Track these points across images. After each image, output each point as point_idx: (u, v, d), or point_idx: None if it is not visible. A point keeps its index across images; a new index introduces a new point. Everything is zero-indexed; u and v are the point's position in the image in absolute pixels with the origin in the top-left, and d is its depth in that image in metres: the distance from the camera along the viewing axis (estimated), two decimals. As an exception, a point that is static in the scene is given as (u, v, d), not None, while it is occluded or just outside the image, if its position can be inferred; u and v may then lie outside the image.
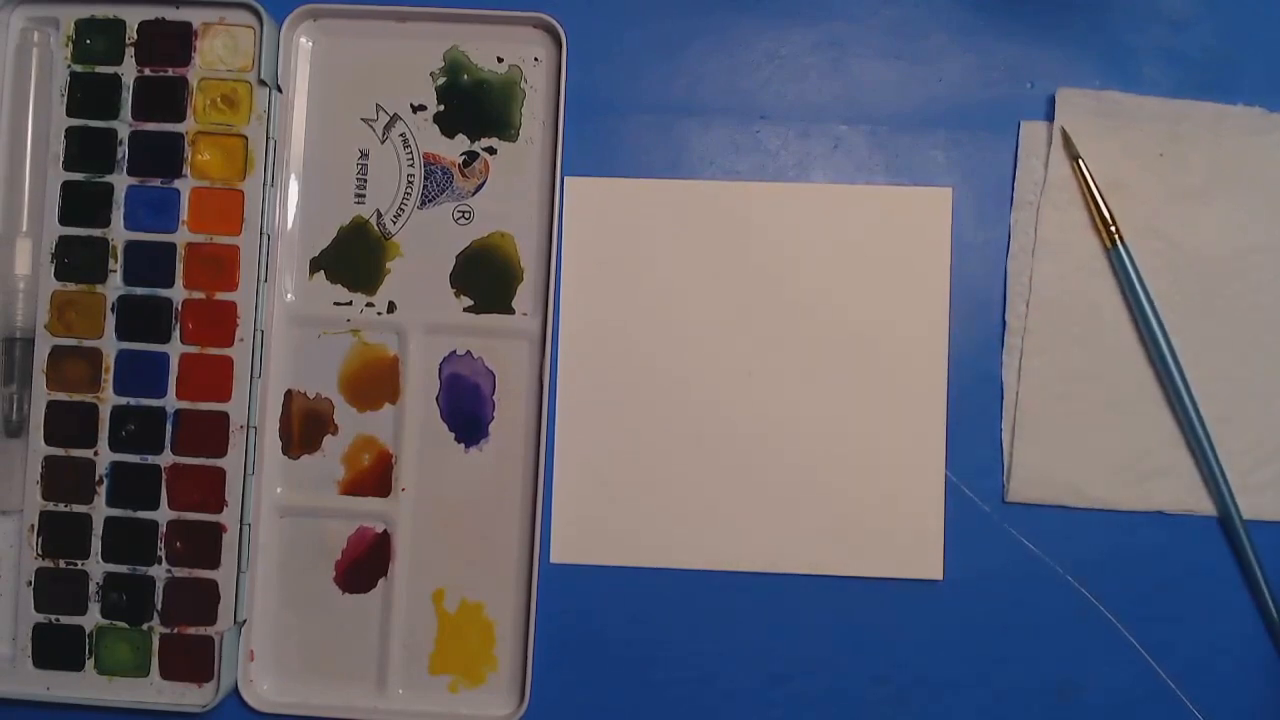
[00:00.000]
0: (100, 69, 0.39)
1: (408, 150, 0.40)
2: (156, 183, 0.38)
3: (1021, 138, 0.39)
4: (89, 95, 0.39)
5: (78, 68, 0.39)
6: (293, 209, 0.40)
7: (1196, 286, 0.38)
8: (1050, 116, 0.39)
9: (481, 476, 0.39)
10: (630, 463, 0.39)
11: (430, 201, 0.39)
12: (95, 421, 0.38)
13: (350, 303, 0.39)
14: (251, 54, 0.38)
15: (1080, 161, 0.38)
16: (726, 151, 0.40)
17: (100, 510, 0.38)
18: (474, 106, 0.39)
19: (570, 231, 0.39)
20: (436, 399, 0.39)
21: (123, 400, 0.38)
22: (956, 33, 0.40)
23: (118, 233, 0.38)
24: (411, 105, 0.40)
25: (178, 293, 0.38)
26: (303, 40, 0.40)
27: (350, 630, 0.39)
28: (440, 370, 0.39)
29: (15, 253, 0.39)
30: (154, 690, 0.38)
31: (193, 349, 0.38)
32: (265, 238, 0.38)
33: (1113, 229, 0.38)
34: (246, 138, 0.38)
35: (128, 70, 0.38)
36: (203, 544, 0.38)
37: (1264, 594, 0.37)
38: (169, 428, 0.38)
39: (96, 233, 0.38)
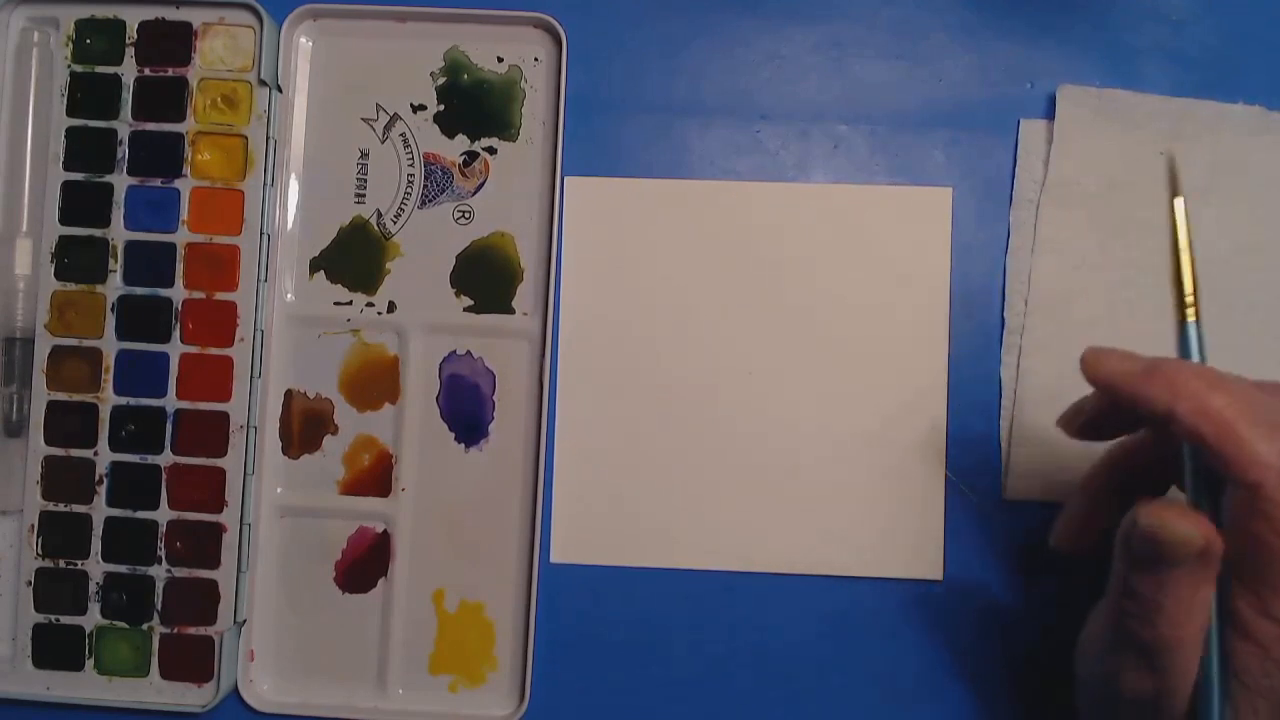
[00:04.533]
0: (100, 69, 0.39)
1: (408, 150, 0.40)
2: (156, 183, 0.38)
3: (1021, 136, 0.39)
4: (89, 95, 0.39)
5: (78, 68, 0.39)
6: (293, 209, 0.40)
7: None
8: (1050, 115, 0.39)
9: (481, 476, 0.39)
10: (630, 463, 0.39)
11: (430, 201, 0.39)
12: (95, 421, 0.38)
13: (350, 303, 0.39)
14: (251, 54, 0.38)
15: (1181, 205, 0.31)
16: (726, 151, 0.40)
17: (100, 510, 0.38)
18: (474, 106, 0.39)
19: (570, 231, 0.39)
20: (436, 399, 0.39)
21: (123, 400, 0.38)
22: (956, 33, 0.40)
23: (118, 233, 0.38)
24: (411, 105, 0.40)
25: (178, 293, 0.38)
26: (303, 40, 0.40)
27: (350, 630, 0.39)
28: (440, 370, 0.39)
29: (15, 253, 0.39)
30: (154, 690, 0.38)
31: (193, 349, 0.38)
32: (265, 238, 0.38)
33: (1190, 299, 0.30)
34: (246, 138, 0.38)
35: (128, 70, 0.39)
36: (203, 544, 0.38)
37: None
38: (169, 428, 0.38)
39: (96, 233, 0.38)
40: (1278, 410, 0.28)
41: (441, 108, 0.40)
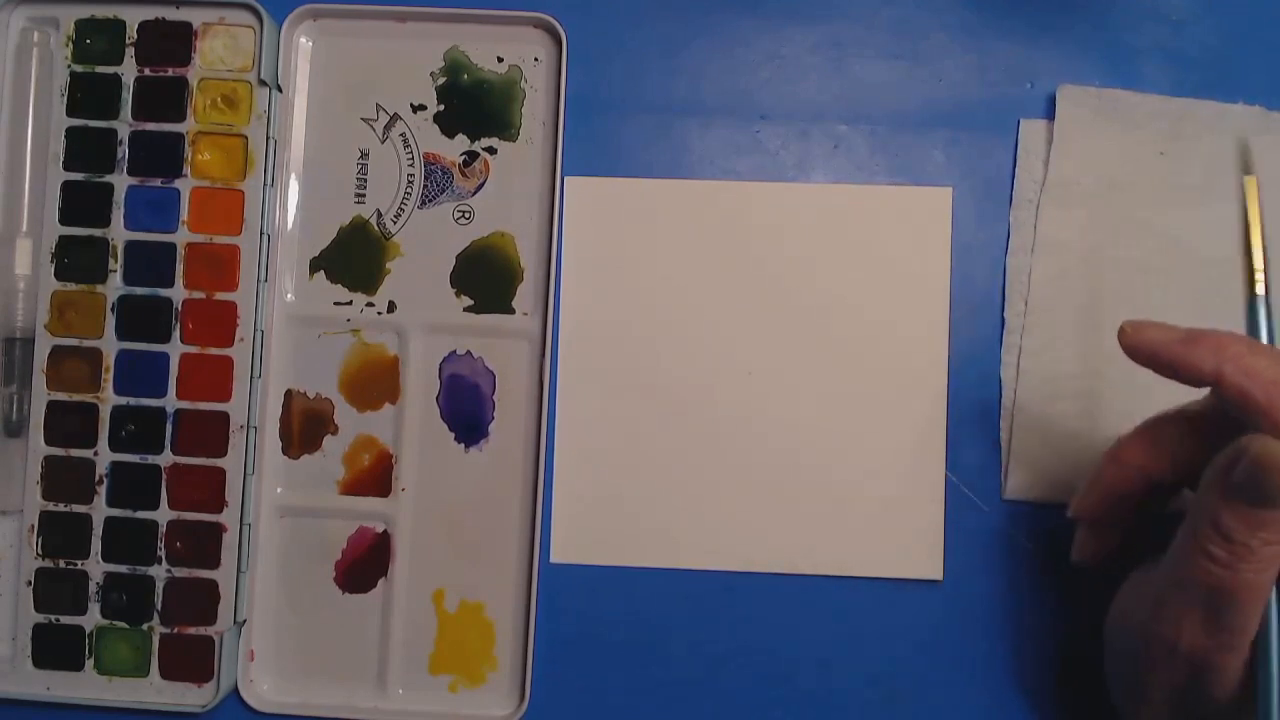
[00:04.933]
0: (100, 69, 0.39)
1: (408, 150, 0.40)
2: (156, 183, 0.38)
3: (1021, 135, 0.39)
4: (89, 95, 0.39)
5: (78, 68, 0.39)
6: (293, 209, 0.40)
7: (1196, 286, 0.38)
8: (1050, 115, 0.39)
9: (481, 476, 0.39)
10: (630, 463, 0.39)
11: (430, 201, 0.39)
12: (95, 421, 0.38)
13: (350, 303, 0.39)
14: (251, 54, 0.38)
15: (1254, 183, 0.33)
16: (726, 151, 0.40)
17: (100, 510, 0.38)
18: (474, 106, 0.39)
19: (570, 231, 0.39)
20: (436, 399, 0.39)
21: (123, 400, 0.38)
22: (956, 33, 0.40)
23: (118, 233, 0.38)
24: (411, 105, 0.40)
25: (178, 293, 0.38)
26: (303, 40, 0.40)
27: (350, 630, 0.39)
28: (440, 370, 0.39)
29: (15, 253, 0.39)
30: (154, 690, 0.38)
31: (193, 349, 0.38)
32: (265, 238, 0.38)
33: (1260, 275, 0.32)
34: (246, 138, 0.38)
35: (128, 70, 0.39)
36: (203, 544, 0.38)
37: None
38: (169, 428, 0.38)
39: (96, 233, 0.38)
40: None
41: (441, 108, 0.40)
